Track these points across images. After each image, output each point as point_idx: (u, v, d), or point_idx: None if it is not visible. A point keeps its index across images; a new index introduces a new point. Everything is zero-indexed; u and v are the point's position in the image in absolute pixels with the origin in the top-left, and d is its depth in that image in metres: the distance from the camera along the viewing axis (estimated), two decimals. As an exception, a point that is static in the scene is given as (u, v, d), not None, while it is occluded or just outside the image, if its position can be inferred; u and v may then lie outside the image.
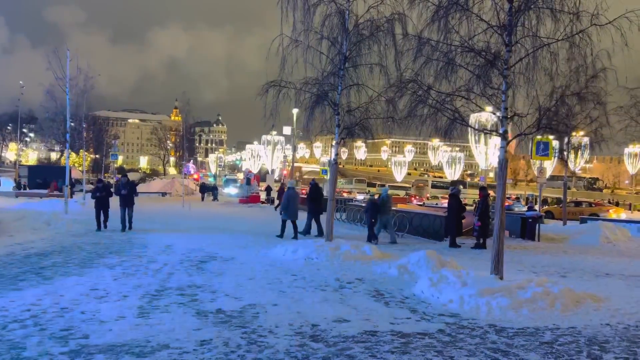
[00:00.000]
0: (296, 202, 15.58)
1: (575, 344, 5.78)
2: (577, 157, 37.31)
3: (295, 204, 15.45)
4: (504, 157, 8.69)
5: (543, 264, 12.02)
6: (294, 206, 15.28)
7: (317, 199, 16.58)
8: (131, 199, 15.95)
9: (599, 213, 31.42)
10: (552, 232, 18.95)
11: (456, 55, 8.53)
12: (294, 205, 15.29)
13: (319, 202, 16.59)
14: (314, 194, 16.75)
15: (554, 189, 52.82)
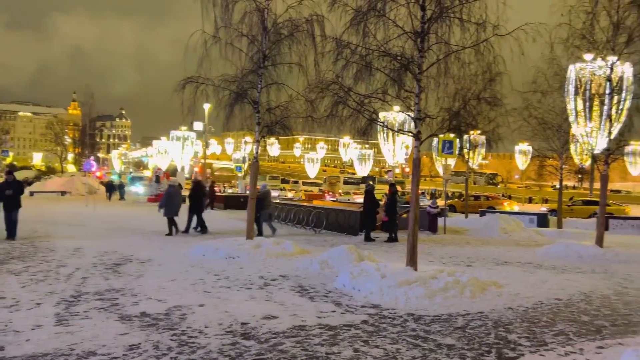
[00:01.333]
0: (177, 200, 15.89)
1: (484, 327, 6.36)
2: (475, 154, 40.14)
3: (176, 201, 15.78)
4: (418, 155, 9.26)
5: (450, 255, 12.94)
6: (174, 203, 15.61)
7: (197, 196, 16.55)
8: (17, 200, 13.39)
9: (495, 206, 34.12)
10: (456, 225, 20.35)
11: (373, 59, 8.94)
12: (174, 202, 15.61)
13: (199, 199, 16.57)
14: (195, 192, 16.72)
15: (457, 184, 56.53)
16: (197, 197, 16.53)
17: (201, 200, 16.66)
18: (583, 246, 13.45)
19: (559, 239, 16.19)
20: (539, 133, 19.70)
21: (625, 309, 7.56)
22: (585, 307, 7.62)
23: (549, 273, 10.60)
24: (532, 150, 44.08)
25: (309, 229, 18.48)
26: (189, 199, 16.70)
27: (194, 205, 16.39)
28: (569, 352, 5.49)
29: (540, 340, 5.90)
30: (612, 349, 5.57)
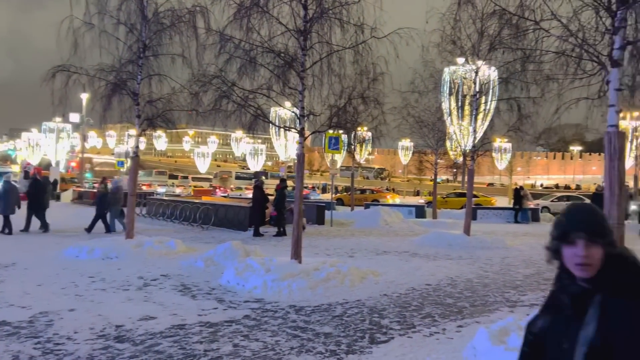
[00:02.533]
0: (12, 197, 14.93)
1: (360, 314, 6.73)
2: (362, 150, 41.82)
3: (11, 199, 14.83)
4: (302, 151, 9.48)
5: (335, 247, 13.42)
6: (8, 200, 14.70)
7: (36, 193, 15.58)
8: None
9: (379, 199, 35.94)
10: (342, 218, 21.12)
11: (257, 55, 8.96)
12: (8, 200, 14.70)
13: (39, 197, 15.58)
14: (33, 189, 15.73)
15: (347, 178, 58.51)
16: (36, 194, 15.42)
17: (42, 198, 15.57)
18: (453, 235, 14.69)
19: (434, 228, 17.51)
20: (416, 130, 21.06)
21: (484, 290, 8.43)
22: (450, 290, 8.36)
23: (423, 260, 11.44)
24: (413, 146, 47.08)
25: (196, 226, 18.06)
26: (28, 196, 15.58)
27: (33, 203, 15.32)
28: (433, 333, 6.01)
29: (409, 323, 6.37)
30: (469, 327, 6.18)
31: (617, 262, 1.61)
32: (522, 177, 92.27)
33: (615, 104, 4.83)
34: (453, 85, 16.79)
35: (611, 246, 1.61)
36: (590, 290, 1.60)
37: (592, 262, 1.59)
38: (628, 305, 1.55)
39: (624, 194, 18.74)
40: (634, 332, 1.51)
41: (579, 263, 1.60)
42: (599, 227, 1.62)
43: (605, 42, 5.08)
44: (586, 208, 1.68)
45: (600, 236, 1.60)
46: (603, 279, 1.59)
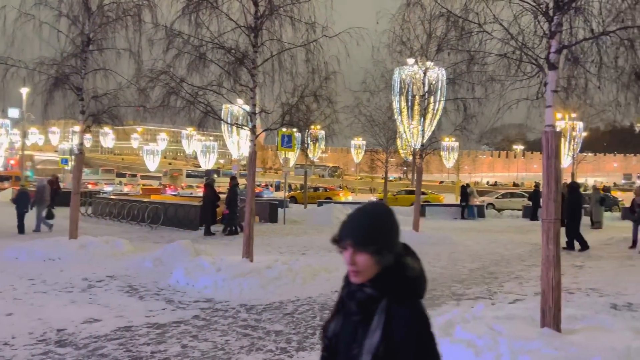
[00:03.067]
0: None
1: (311, 311, 6.77)
2: (315, 148, 41.95)
3: None
4: (254, 149, 9.42)
5: (288, 244, 13.42)
6: None
7: None
8: None
9: (332, 197, 36.20)
10: (295, 216, 21.14)
11: (207, 51, 8.82)
12: None
13: None
14: None
15: (301, 176, 58.57)
16: None
17: None
18: (402, 231, 14.93)
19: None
20: (368, 129, 21.36)
21: (431, 285, 8.59)
22: (400, 285, 8.53)
23: (374, 257, 11.61)
24: (365, 144, 47.71)
25: (145, 225, 17.58)
26: None
27: None
28: (382, 327, 6.12)
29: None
30: (417, 320, 6.34)
31: (394, 268, 1.55)
32: (468, 175, 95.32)
33: (552, 104, 5.08)
34: (403, 85, 17.13)
35: (382, 254, 1.53)
36: (376, 296, 1.54)
37: (359, 269, 1.54)
38: (404, 312, 1.51)
39: (594, 197, 19.41)
40: (408, 340, 1.49)
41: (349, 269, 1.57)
42: (367, 234, 1.54)
43: (544, 45, 5.32)
44: (361, 213, 1.60)
45: (366, 244, 1.53)
46: (383, 285, 1.54)
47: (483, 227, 20.23)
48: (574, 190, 13.79)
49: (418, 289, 1.59)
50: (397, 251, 1.59)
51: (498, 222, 23.58)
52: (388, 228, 1.59)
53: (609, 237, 15.66)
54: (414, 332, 1.51)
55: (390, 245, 1.57)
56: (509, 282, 8.97)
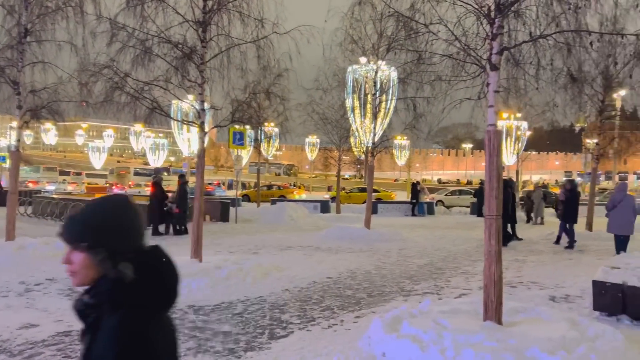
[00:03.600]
0: None
1: (261, 311, 6.71)
2: (269, 145, 41.65)
3: None
4: (203, 146, 9.23)
5: (239, 244, 13.25)
6: None
7: None
8: None
9: (286, 195, 36.11)
10: (247, 214, 20.92)
11: (153, 45, 8.57)
12: None
13: None
14: None
15: (255, 174, 58.04)
16: None
17: None
18: (354, 228, 15.15)
19: (337, 223, 17.92)
20: (321, 127, 21.41)
21: (381, 281, 8.78)
22: (350, 282, 8.61)
23: (325, 254, 11.67)
24: (319, 142, 47.84)
25: (89, 225, 16.90)
26: None
27: None
28: (331, 325, 6.15)
29: (309, 317, 6.46)
30: (366, 317, 6.40)
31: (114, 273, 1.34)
32: (420, 173, 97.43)
33: (493, 104, 5.23)
34: (356, 84, 17.28)
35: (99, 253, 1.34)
36: (93, 304, 1.36)
37: (74, 269, 1.37)
38: (110, 324, 1.31)
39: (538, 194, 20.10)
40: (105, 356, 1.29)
41: None
42: (78, 229, 1.37)
43: (486, 47, 5.47)
44: (86, 207, 1.42)
45: (76, 240, 1.36)
46: (97, 291, 1.35)
47: (432, 224, 20.74)
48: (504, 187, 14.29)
49: (136, 297, 1.34)
50: (126, 253, 1.36)
51: (447, 218, 24.21)
52: (110, 224, 1.37)
53: (550, 232, 16.38)
54: (114, 348, 1.28)
55: (109, 244, 1.35)
56: (456, 277, 9.22)
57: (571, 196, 13.58)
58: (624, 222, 11.17)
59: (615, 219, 11.25)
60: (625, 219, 11.16)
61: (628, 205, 11.24)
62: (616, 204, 11.23)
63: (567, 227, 13.40)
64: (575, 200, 13.70)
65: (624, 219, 11.16)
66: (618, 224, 11.23)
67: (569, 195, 13.59)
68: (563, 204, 13.78)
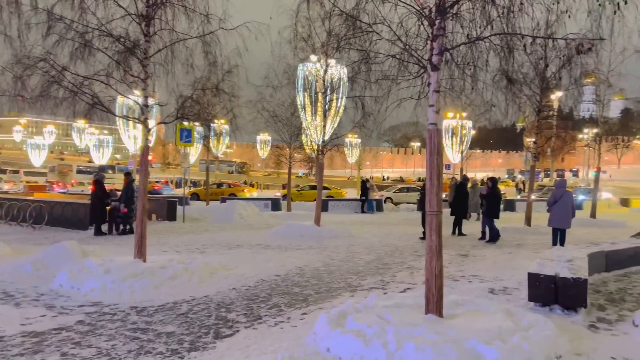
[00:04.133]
0: None
1: (206, 310, 6.61)
2: (219, 143, 41.03)
3: None
4: (146, 143, 8.99)
5: (186, 243, 13.00)
6: None
7: None
8: None
9: (236, 193, 35.69)
10: (196, 213, 20.55)
11: (94, 38, 8.25)
12: None
13: None
14: None
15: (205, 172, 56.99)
16: None
17: None
18: (304, 226, 15.19)
19: (287, 220, 17.92)
20: (271, 125, 21.30)
21: (329, 277, 8.85)
22: (298, 279, 8.63)
23: (274, 252, 11.64)
24: (271, 140, 47.57)
25: (26, 226, 16.13)
26: None
27: None
28: (278, 322, 6.14)
29: (256, 315, 6.43)
30: (313, 314, 6.43)
31: None
32: (370, 171, 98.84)
33: (434, 104, 5.38)
34: (306, 82, 17.29)
35: None
36: None
37: None
38: None
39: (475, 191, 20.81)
40: None
41: None
42: None
43: (428, 47, 5.62)
44: None
45: None
46: None
47: (381, 220, 21.10)
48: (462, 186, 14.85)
49: None
50: None
51: (395, 215, 24.70)
52: None
53: (492, 227, 17.00)
54: None
55: None
56: (401, 272, 9.42)
57: (492, 193, 14.02)
58: (563, 216, 11.91)
59: (556, 214, 11.97)
60: (564, 213, 11.89)
61: (567, 201, 11.95)
62: (557, 199, 11.91)
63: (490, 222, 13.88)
64: (497, 197, 14.12)
65: (563, 214, 11.89)
66: (558, 218, 11.95)
67: (490, 192, 14.09)
68: (485, 201, 14.22)
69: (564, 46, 5.27)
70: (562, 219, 11.90)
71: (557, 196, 11.93)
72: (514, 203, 27.66)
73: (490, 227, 13.85)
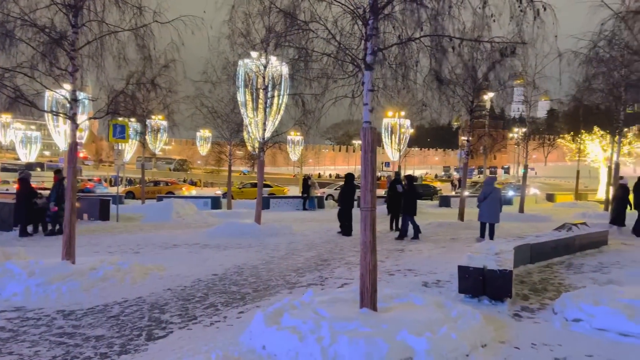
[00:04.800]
0: None
1: (139, 312, 6.41)
2: (156, 139, 39.70)
3: None
4: (74, 139, 8.58)
5: (119, 243, 12.53)
6: None
7: None
8: None
9: (174, 191, 34.79)
10: (131, 212, 19.85)
11: (15, 28, 7.77)
12: None
13: None
14: None
15: (147, 170, 54.98)
16: None
17: None
18: (245, 224, 15.05)
19: (227, 219, 17.68)
20: (210, 121, 20.92)
21: (268, 275, 8.83)
22: (236, 278, 8.54)
23: (213, 251, 11.45)
24: (211, 136, 46.65)
25: (-58, 228, 14.95)
26: None
27: None
28: (214, 322, 6.05)
29: (191, 315, 6.31)
30: (250, 312, 6.40)
31: None
32: (313, 168, 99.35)
33: (368, 103, 5.49)
34: (247, 78, 17.09)
35: None
36: None
37: None
38: None
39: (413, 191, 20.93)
40: None
41: None
42: None
43: (362, 47, 5.71)
44: None
45: None
46: None
47: (322, 217, 21.26)
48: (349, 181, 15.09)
49: None
50: None
51: (336, 212, 24.91)
52: None
53: (428, 222, 17.59)
54: None
55: None
56: (340, 268, 9.55)
57: (409, 190, 14.16)
58: (492, 212, 12.76)
59: (485, 210, 12.79)
60: (493, 209, 12.73)
61: (496, 197, 12.81)
62: (487, 195, 12.70)
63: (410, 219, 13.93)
64: (413, 194, 14.14)
65: (492, 209, 12.73)
66: (487, 213, 12.79)
67: (407, 189, 14.31)
68: (403, 198, 14.33)
69: (489, 49, 5.53)
70: (491, 214, 12.68)
71: (487, 193, 12.67)
72: (449, 199, 28.69)
73: (412, 223, 13.97)
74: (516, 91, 25.38)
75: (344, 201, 15.11)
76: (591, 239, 11.85)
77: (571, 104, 20.57)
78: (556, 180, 75.62)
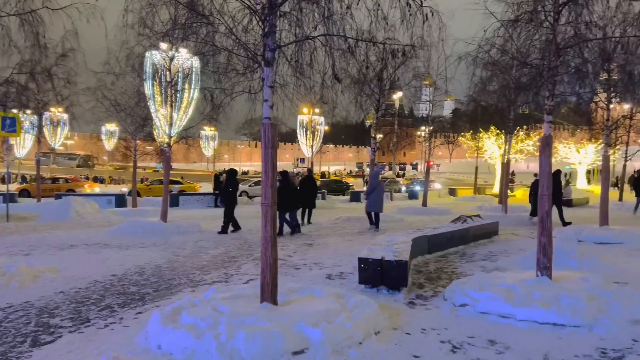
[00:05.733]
0: None
1: (25, 317, 5.99)
2: (55, 133, 37.10)
3: None
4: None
5: (8, 245, 11.58)
6: None
7: None
8: None
9: (75, 189, 32.68)
10: (24, 211, 18.41)
11: None
12: None
13: None
14: None
15: (44, 166, 50.96)
16: None
17: None
18: (149, 222, 14.52)
19: (131, 217, 16.95)
20: (113, 114, 19.87)
21: (171, 274, 8.60)
22: (137, 278, 8.24)
23: (114, 251, 10.94)
24: (118, 131, 44.37)
25: None
26: None
27: None
28: (109, 324, 5.80)
29: (84, 318, 6.00)
30: (148, 312, 6.19)
31: None
32: (228, 164, 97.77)
33: (268, 99, 5.53)
34: (155, 71, 16.43)
35: None
36: None
37: None
38: None
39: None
40: None
41: None
42: None
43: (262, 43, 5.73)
44: None
45: None
46: None
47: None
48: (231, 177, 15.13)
49: None
50: None
51: (248, 208, 24.73)
52: None
53: (337, 217, 18.03)
54: None
55: None
56: (247, 264, 9.53)
57: (283, 187, 13.80)
58: (377, 202, 14.62)
59: (372, 201, 14.61)
60: (378, 200, 14.62)
61: (381, 190, 14.85)
62: (374, 188, 14.47)
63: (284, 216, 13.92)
64: (287, 191, 13.94)
65: (377, 200, 14.59)
66: (374, 204, 14.64)
67: (281, 186, 14.50)
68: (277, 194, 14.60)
69: (381, 49, 5.78)
70: (376, 205, 14.60)
71: (374, 186, 14.51)
72: (359, 194, 29.56)
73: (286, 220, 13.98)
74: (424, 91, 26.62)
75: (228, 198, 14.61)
76: (484, 230, 12.80)
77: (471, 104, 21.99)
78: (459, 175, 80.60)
